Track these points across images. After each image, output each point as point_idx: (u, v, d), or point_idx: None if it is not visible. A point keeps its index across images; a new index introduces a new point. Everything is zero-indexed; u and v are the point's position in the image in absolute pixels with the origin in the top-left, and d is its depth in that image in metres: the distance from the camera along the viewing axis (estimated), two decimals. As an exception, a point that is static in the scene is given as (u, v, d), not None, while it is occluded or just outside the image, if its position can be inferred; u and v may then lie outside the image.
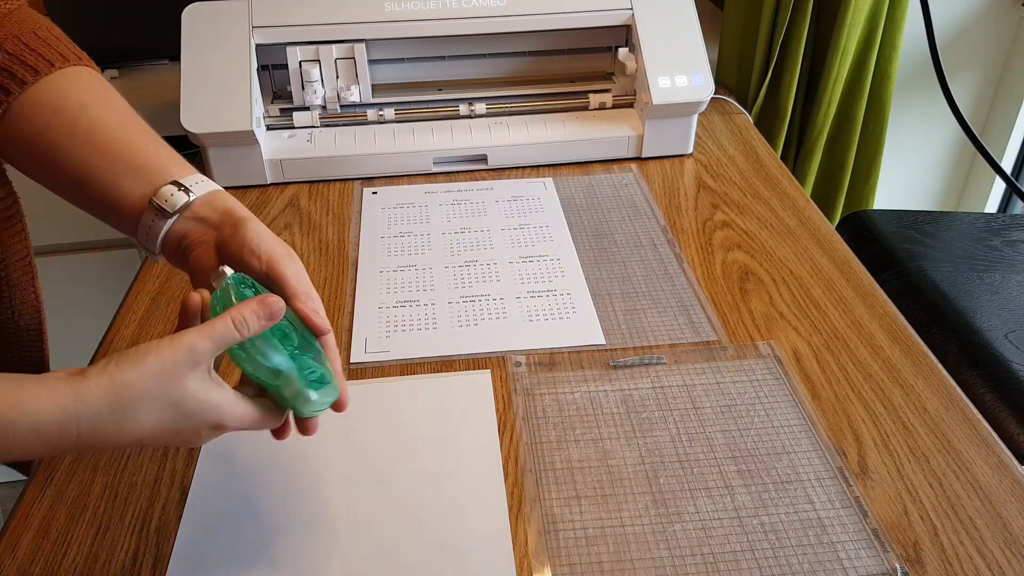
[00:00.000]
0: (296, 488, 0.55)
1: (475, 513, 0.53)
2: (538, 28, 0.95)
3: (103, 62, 1.15)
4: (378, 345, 0.68)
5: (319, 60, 0.92)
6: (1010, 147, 1.39)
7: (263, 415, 0.45)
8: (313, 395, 0.45)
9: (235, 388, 0.45)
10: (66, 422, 0.39)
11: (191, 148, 0.89)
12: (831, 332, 0.69)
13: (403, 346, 0.68)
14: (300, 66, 0.92)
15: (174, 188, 0.51)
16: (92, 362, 0.67)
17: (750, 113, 1.14)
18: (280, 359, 0.44)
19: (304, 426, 0.48)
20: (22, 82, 0.53)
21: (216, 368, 0.45)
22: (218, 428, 0.44)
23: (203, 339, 0.42)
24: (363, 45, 0.92)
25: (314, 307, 0.50)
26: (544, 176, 0.94)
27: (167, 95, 1.06)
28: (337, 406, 0.48)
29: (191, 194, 0.51)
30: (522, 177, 0.94)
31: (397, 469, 0.56)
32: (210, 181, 0.53)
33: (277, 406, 0.46)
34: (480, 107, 0.96)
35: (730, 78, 1.21)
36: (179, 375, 0.42)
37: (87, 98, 0.54)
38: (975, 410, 0.61)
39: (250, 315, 0.44)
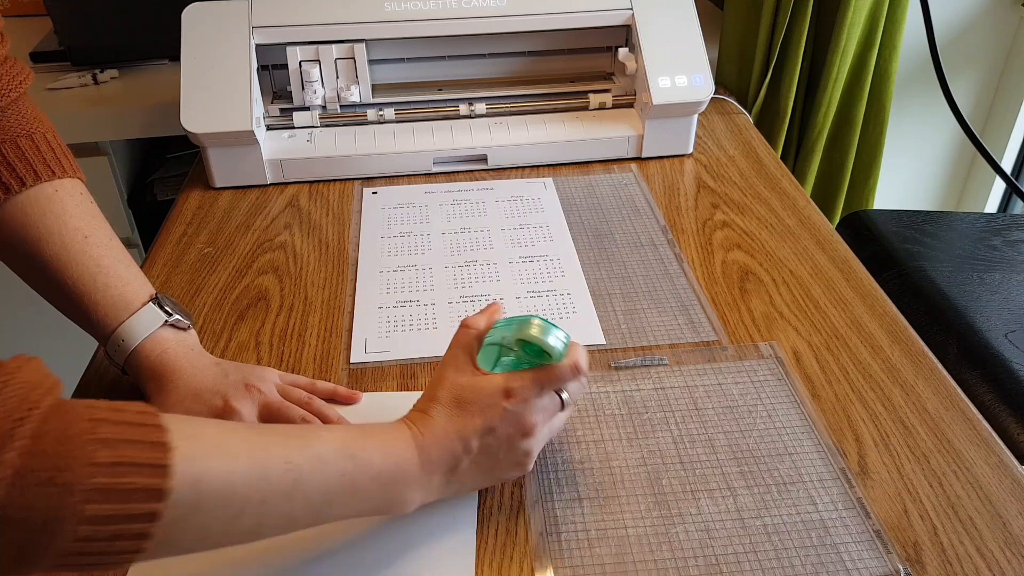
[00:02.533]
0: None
1: (441, 538, 0.52)
2: (538, 28, 0.95)
3: (103, 62, 1.16)
4: (378, 345, 0.68)
5: (319, 60, 0.92)
6: (1010, 147, 1.39)
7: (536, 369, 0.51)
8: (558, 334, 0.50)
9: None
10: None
11: (191, 148, 0.89)
12: (831, 332, 0.69)
13: (403, 346, 0.68)
14: (300, 66, 0.92)
15: (118, 341, 0.58)
16: (92, 362, 0.67)
17: (750, 113, 1.14)
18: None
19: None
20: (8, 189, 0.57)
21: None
22: (509, 394, 0.49)
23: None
24: (363, 45, 0.92)
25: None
26: (544, 176, 0.94)
27: (167, 95, 1.06)
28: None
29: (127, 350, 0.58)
30: (522, 177, 0.94)
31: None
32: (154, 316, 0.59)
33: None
34: (480, 107, 0.96)
35: (730, 78, 1.21)
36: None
37: (84, 223, 0.59)
38: (975, 410, 0.61)
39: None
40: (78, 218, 0.58)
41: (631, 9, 0.95)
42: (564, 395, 0.51)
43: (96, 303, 0.57)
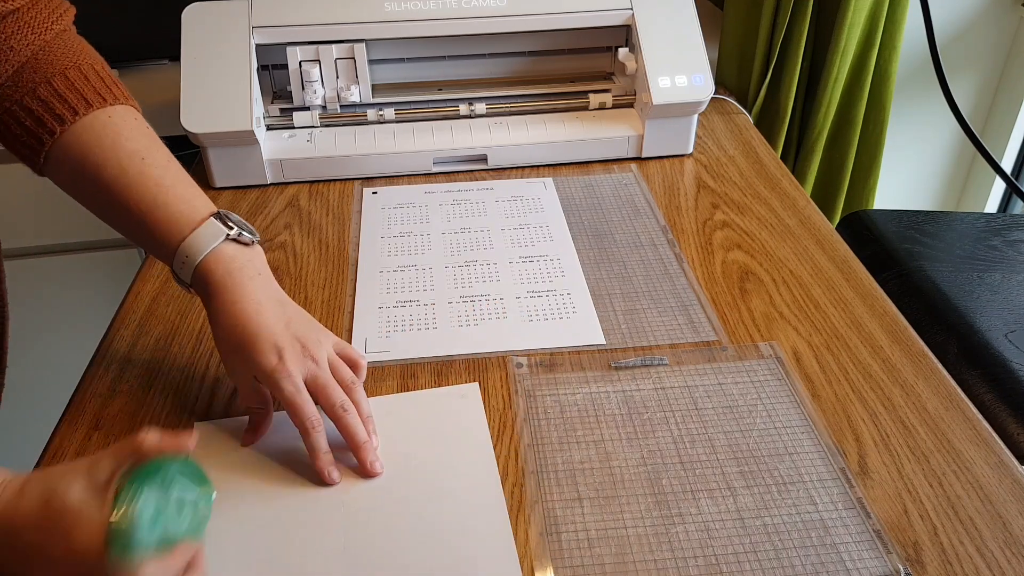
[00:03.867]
0: (290, 518, 0.53)
1: (477, 529, 0.52)
2: (538, 28, 0.95)
3: (103, 62, 1.15)
4: (378, 345, 0.68)
5: (319, 60, 0.92)
6: (1010, 147, 1.39)
7: None
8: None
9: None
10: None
11: (191, 148, 0.89)
12: (831, 332, 0.69)
13: (403, 346, 0.68)
14: (300, 66, 0.92)
15: (183, 257, 0.57)
16: (92, 362, 0.67)
17: (750, 113, 1.14)
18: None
19: None
20: (63, 120, 0.57)
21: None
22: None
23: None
24: (363, 45, 0.92)
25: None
26: (544, 176, 0.94)
27: (167, 95, 1.06)
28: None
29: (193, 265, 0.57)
30: (522, 177, 0.94)
31: (393, 491, 0.55)
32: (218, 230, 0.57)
33: None
34: (480, 107, 0.96)
35: (730, 78, 1.21)
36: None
37: (142, 145, 0.58)
38: (975, 410, 0.61)
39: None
40: (135, 140, 0.58)
41: (631, 9, 0.95)
42: None
43: (158, 220, 0.56)
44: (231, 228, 0.58)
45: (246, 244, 0.59)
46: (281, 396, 0.54)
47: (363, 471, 0.55)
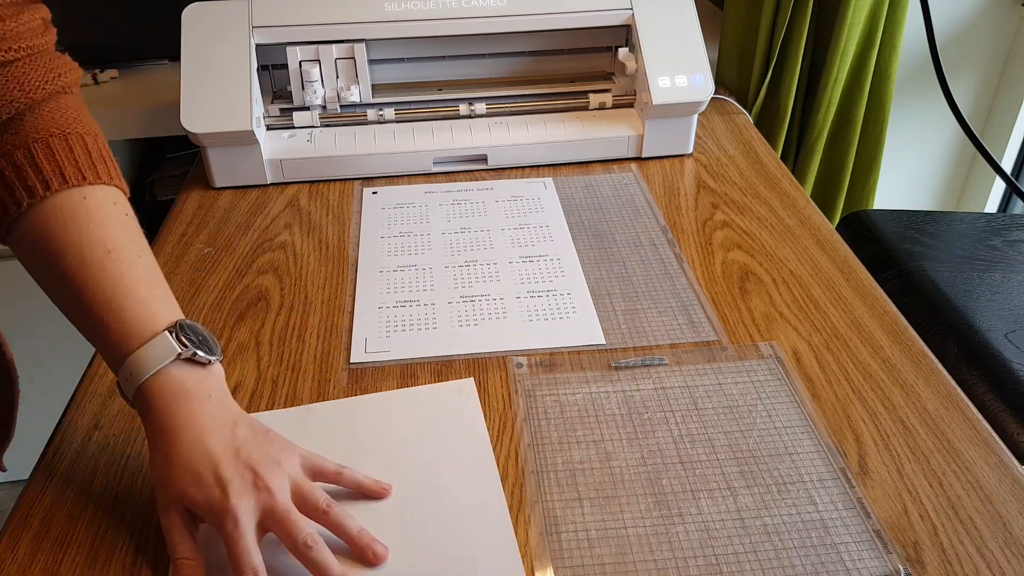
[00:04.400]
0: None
1: (478, 524, 0.52)
2: (538, 28, 0.95)
3: (103, 62, 1.16)
4: (378, 345, 0.68)
5: (319, 60, 0.92)
6: (1010, 147, 1.39)
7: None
8: None
9: None
10: None
11: (191, 148, 0.89)
12: (831, 332, 0.69)
13: (403, 346, 0.68)
14: (300, 66, 0.92)
15: (127, 373, 0.50)
16: (93, 360, 0.67)
17: (750, 113, 1.14)
18: None
19: None
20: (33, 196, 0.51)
21: None
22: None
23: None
24: (363, 45, 0.92)
25: None
26: (544, 176, 0.94)
27: (167, 95, 1.06)
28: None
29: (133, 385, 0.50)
30: (522, 177, 0.94)
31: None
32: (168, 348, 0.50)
33: None
34: (480, 107, 0.96)
35: (730, 78, 1.21)
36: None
37: (110, 235, 0.52)
38: (975, 410, 0.61)
39: None
40: (104, 229, 0.52)
41: (631, 9, 0.95)
42: None
43: (107, 326, 0.50)
44: (185, 346, 0.50)
45: (201, 365, 0.51)
46: (224, 539, 0.47)
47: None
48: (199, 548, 0.49)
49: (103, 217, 0.52)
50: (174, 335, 0.51)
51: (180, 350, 0.50)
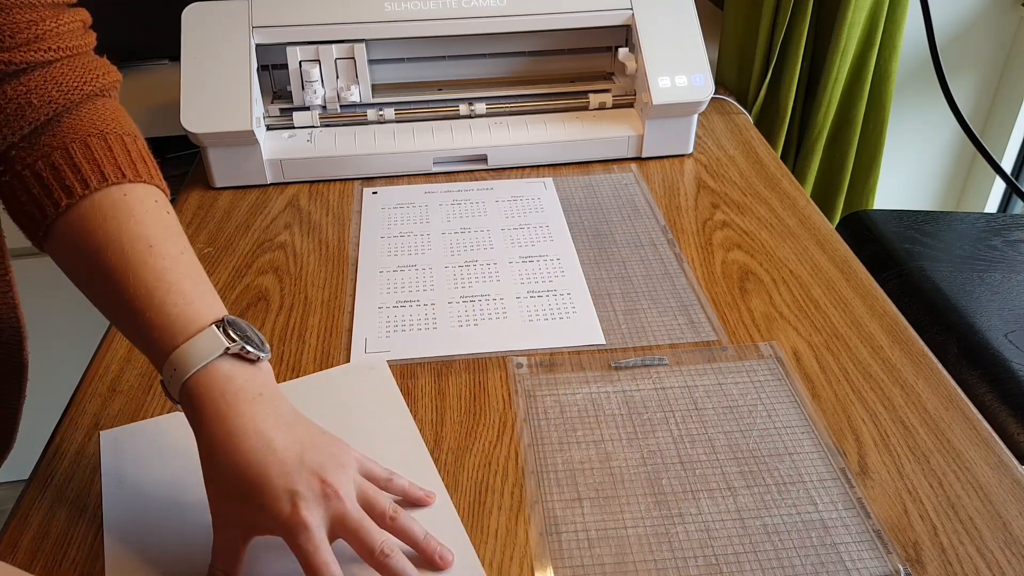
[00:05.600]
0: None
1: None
2: (538, 28, 0.95)
3: (103, 62, 1.15)
4: (378, 345, 0.68)
5: (319, 60, 0.92)
6: (1010, 147, 1.39)
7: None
8: None
9: None
10: None
11: (191, 148, 0.89)
12: (831, 332, 0.69)
13: (403, 346, 0.68)
14: (300, 66, 0.92)
15: (171, 369, 0.48)
16: (92, 362, 0.67)
17: (750, 113, 1.14)
18: None
19: None
20: (74, 195, 0.50)
21: None
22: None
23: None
24: (363, 45, 0.92)
25: None
26: (544, 176, 0.94)
27: (167, 95, 1.06)
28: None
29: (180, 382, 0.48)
30: (522, 177, 0.94)
31: None
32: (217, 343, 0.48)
33: None
34: (480, 107, 0.96)
35: (730, 78, 1.21)
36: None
37: (151, 232, 0.51)
38: (975, 410, 0.61)
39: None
40: (146, 225, 0.50)
41: (631, 9, 0.95)
42: None
43: (150, 321, 0.48)
44: (233, 341, 0.48)
45: (250, 361, 0.49)
46: (297, 553, 0.45)
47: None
48: (241, 567, 0.48)
49: (144, 214, 0.51)
50: (221, 330, 0.49)
51: (228, 345, 0.48)
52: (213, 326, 0.49)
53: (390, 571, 0.46)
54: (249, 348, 0.49)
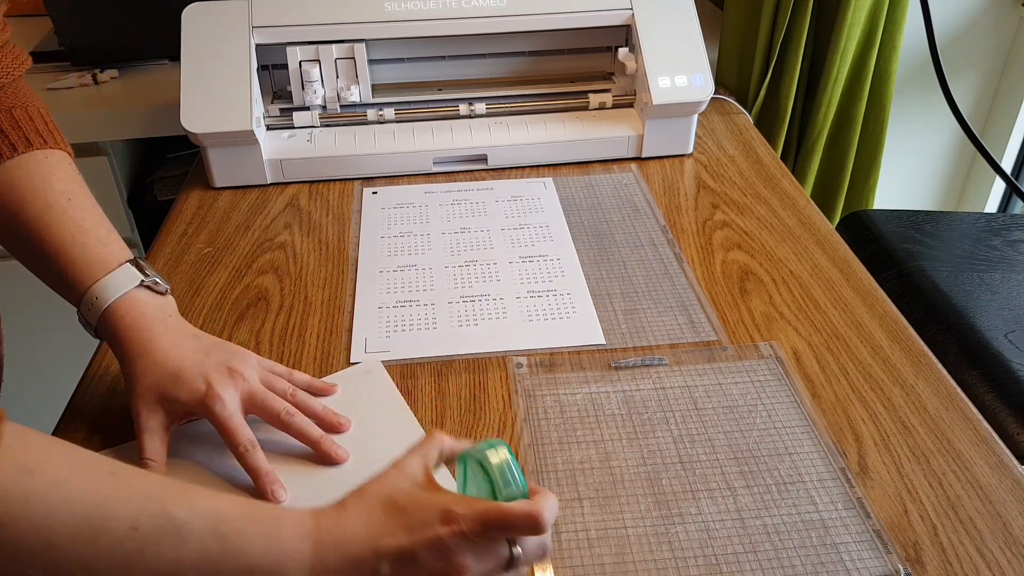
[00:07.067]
0: None
1: None
2: (538, 28, 0.95)
3: (103, 62, 1.16)
4: (378, 345, 0.68)
5: (319, 60, 0.92)
6: (1010, 147, 1.39)
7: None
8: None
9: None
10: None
11: (191, 148, 0.89)
12: (831, 332, 0.69)
13: (403, 346, 0.68)
14: (300, 66, 0.92)
15: (92, 298, 0.57)
16: (92, 362, 0.67)
17: (750, 113, 1.14)
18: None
19: None
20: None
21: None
22: (449, 519, 0.41)
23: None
24: (363, 45, 0.92)
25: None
26: (544, 176, 0.94)
27: (167, 95, 1.06)
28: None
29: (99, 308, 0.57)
30: (522, 177, 0.94)
31: (320, 474, 0.56)
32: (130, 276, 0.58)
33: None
34: (480, 107, 0.96)
35: (730, 78, 1.21)
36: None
37: (69, 188, 0.60)
38: (975, 410, 0.61)
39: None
40: (64, 182, 0.60)
41: (631, 9, 0.95)
42: (516, 549, 0.42)
43: (72, 261, 0.57)
44: (147, 275, 0.58)
45: (159, 293, 0.59)
46: (215, 421, 0.54)
47: (328, 462, 0.57)
48: (167, 452, 0.55)
49: (62, 173, 0.60)
50: (134, 266, 0.59)
51: (143, 278, 0.58)
52: (128, 263, 0.59)
53: (295, 428, 0.56)
54: (159, 280, 0.59)
